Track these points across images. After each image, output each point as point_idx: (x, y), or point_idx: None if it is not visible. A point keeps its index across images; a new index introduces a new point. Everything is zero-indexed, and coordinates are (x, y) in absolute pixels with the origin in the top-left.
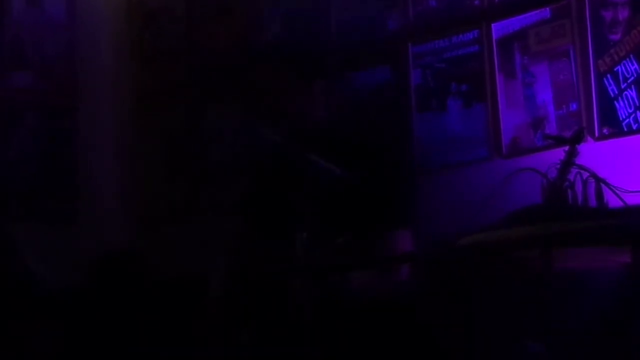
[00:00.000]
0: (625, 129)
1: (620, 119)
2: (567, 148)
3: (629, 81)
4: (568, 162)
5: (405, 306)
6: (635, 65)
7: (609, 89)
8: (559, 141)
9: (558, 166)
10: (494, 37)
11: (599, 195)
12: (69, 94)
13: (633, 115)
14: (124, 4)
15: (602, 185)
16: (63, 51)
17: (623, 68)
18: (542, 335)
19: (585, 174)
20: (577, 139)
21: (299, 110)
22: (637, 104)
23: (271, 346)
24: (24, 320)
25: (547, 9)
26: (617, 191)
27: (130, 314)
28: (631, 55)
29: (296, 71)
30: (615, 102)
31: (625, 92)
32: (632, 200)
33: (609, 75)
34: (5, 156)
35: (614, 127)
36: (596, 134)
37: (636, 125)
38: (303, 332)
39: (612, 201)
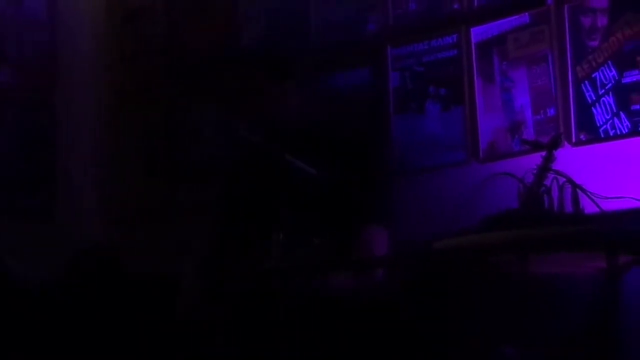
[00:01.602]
0: (603, 135)
1: (598, 125)
2: (544, 153)
3: (606, 87)
4: (545, 168)
5: (381, 307)
6: (613, 72)
7: (587, 95)
8: (536, 146)
9: (535, 171)
10: (473, 41)
11: (575, 201)
12: (48, 91)
13: (610, 121)
14: (104, 3)
15: (579, 191)
16: (43, 48)
17: (601, 74)
18: (517, 339)
19: (562, 180)
20: (555, 144)
21: (277, 110)
22: (615, 111)
23: (245, 347)
24: (1, 317)
25: (526, 14)
26: (593, 197)
27: (107, 311)
28: (609, 62)
29: (275, 72)
30: (593, 108)
31: (603, 99)
32: (608, 206)
33: (586, 82)
34: None
35: (591, 133)
36: (573, 140)
37: (613, 131)
38: (279, 333)
39: (588, 207)
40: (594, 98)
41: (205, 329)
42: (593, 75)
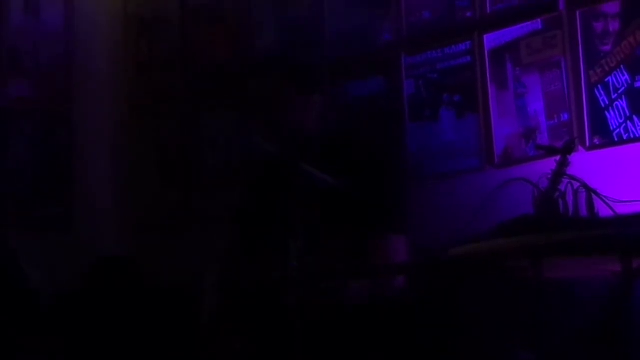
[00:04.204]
0: (616, 139)
1: (611, 129)
2: (558, 158)
3: (619, 92)
4: (559, 172)
5: (398, 313)
6: (626, 76)
7: (600, 99)
8: (550, 151)
9: (549, 176)
10: (486, 48)
11: (590, 205)
12: (65, 102)
13: (624, 125)
14: (120, 13)
15: (593, 195)
16: (60, 60)
17: (614, 79)
18: (533, 344)
19: (576, 184)
20: (569, 149)
21: (292, 119)
22: (628, 114)
23: (264, 356)
24: (21, 328)
25: (539, 20)
26: (607, 201)
27: (125, 321)
28: (622, 66)
29: (290, 81)
30: (606, 112)
31: (616, 103)
32: (623, 209)
33: (599, 86)
34: (2, 164)
35: (605, 137)
36: (587, 144)
37: (627, 135)
38: (297, 341)
39: (603, 211)
40: (607, 102)
41: (225, 337)
42: (606, 80)
